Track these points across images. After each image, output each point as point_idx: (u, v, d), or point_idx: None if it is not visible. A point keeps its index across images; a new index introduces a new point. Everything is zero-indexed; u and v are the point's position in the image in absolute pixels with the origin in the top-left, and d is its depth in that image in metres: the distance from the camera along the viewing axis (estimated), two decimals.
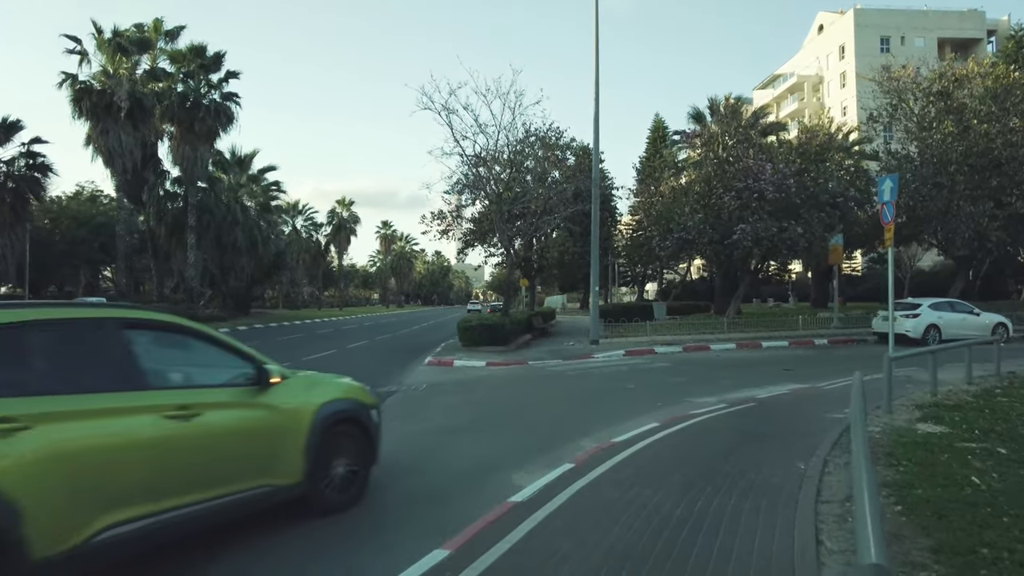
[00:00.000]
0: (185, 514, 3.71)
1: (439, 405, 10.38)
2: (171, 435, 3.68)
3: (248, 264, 41.50)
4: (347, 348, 22.83)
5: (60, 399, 3.28)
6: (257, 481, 4.23)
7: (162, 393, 3.80)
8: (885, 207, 12.25)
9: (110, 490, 3.35)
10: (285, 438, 4.45)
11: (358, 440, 5.17)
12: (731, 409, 8.95)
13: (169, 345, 4.23)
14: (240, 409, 4.26)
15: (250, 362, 4.49)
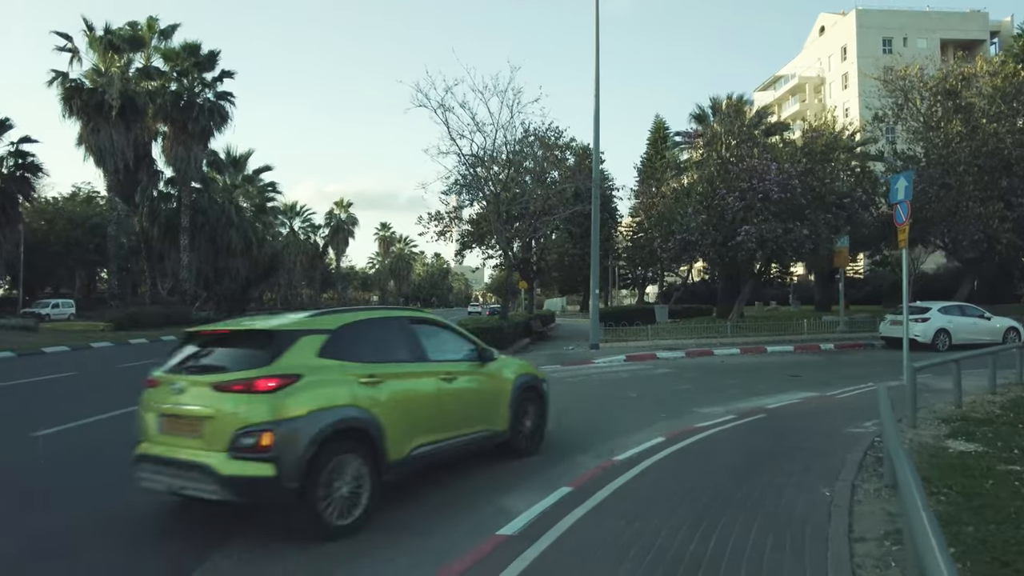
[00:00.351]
0: (447, 446, 5.65)
1: None
2: (444, 391, 5.67)
3: (243, 266, 40.93)
4: None
5: (391, 365, 5.28)
6: (485, 426, 6.19)
7: (436, 364, 5.77)
8: (899, 206, 11.68)
9: (417, 423, 5.25)
10: (499, 397, 6.42)
11: (537, 404, 7.05)
12: (740, 421, 8.36)
13: (431, 334, 6.07)
14: (474, 376, 6.20)
15: (475, 346, 6.43)
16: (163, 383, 4.82)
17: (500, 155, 21.73)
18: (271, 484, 4.23)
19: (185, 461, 4.41)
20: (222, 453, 4.27)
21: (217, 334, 5.20)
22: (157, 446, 4.68)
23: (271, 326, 5.07)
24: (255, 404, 4.34)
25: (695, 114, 30.97)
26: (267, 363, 4.52)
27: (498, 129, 20.34)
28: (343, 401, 4.70)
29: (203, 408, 4.44)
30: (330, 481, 4.46)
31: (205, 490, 4.32)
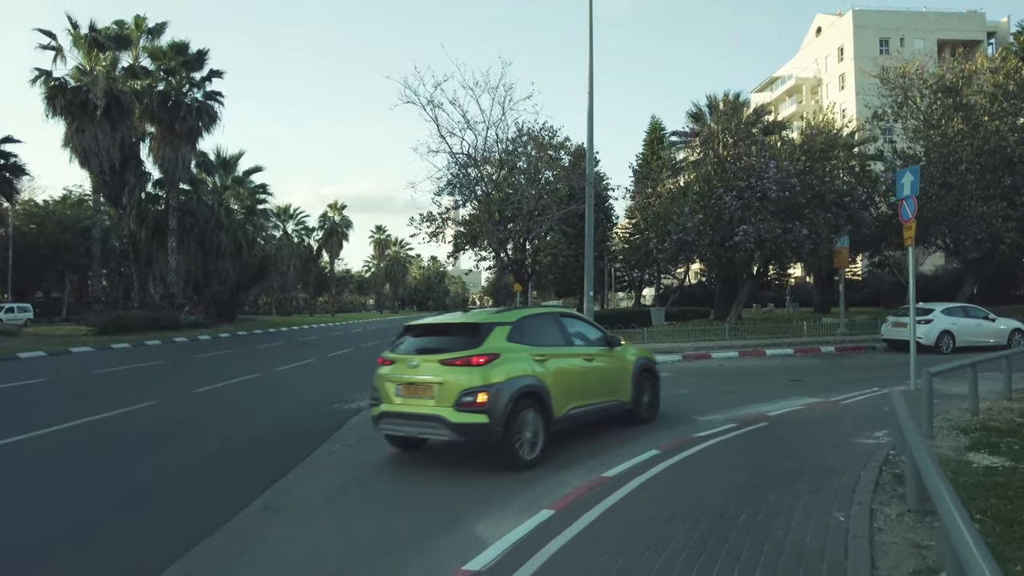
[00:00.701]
0: (590, 410, 7.41)
1: None
2: (586, 368, 7.42)
3: (233, 268, 40.23)
4: (327, 357, 21.68)
5: (551, 347, 7.03)
6: (614, 397, 7.94)
7: (579, 348, 7.56)
8: (905, 202, 11.12)
9: (571, 391, 7.00)
10: (624, 375, 8.15)
11: (652, 381, 8.83)
12: (741, 431, 7.77)
13: (573, 324, 7.85)
14: (606, 358, 7.88)
15: (604, 335, 8.26)
16: (398, 361, 6.77)
17: (493, 155, 21.19)
18: (485, 429, 6.13)
19: (423, 414, 6.36)
20: (451, 408, 6.16)
21: (431, 326, 7.32)
22: (397, 406, 6.60)
23: (474, 320, 7.06)
24: (472, 374, 6.21)
25: (691, 113, 30.48)
26: (476, 346, 6.43)
27: (489, 127, 19.83)
28: (526, 372, 6.54)
29: (434, 377, 6.34)
30: (520, 428, 6.37)
31: (440, 434, 6.39)
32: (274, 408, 11.20)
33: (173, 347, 25.16)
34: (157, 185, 36.64)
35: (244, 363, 19.18)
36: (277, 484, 6.32)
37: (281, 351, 23.97)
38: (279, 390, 13.58)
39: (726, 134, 22.90)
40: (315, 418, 10.05)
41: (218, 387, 13.48)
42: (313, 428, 9.14)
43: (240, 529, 5.06)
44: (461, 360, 6.30)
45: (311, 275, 73.36)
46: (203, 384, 13.67)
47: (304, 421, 9.88)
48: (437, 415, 6.24)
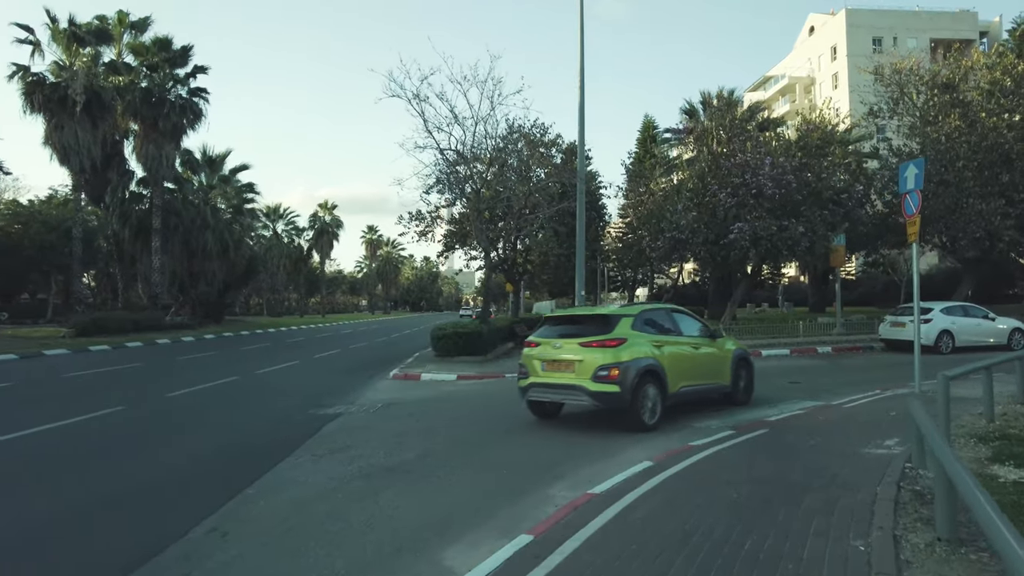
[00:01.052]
0: (696, 389, 8.98)
1: (386, 433, 8.61)
2: (693, 354, 8.98)
3: (219, 269, 39.46)
4: (313, 358, 21.07)
5: (666, 335, 8.61)
6: (716, 380, 9.43)
7: (687, 337, 9.11)
8: (908, 196, 10.64)
9: (681, 373, 8.49)
10: (724, 362, 9.59)
11: (747, 368, 10.16)
12: (741, 438, 7.24)
13: (682, 318, 9.42)
14: (709, 347, 9.41)
15: (707, 327, 9.84)
16: (543, 343, 8.49)
17: (483, 152, 20.57)
18: (617, 397, 7.72)
19: (566, 384, 8.05)
20: (589, 379, 7.81)
21: (569, 317, 9.14)
22: (542, 377, 8.34)
23: (605, 312, 8.75)
24: (606, 353, 7.84)
25: (685, 109, 29.97)
26: (608, 332, 8.07)
27: (478, 122, 19.18)
28: (647, 354, 8.07)
29: (575, 356, 8.02)
30: (644, 398, 7.90)
31: (580, 400, 8.05)
32: (247, 414, 10.60)
33: (154, 349, 24.48)
34: (141, 184, 35.86)
35: (225, 365, 18.56)
36: (233, 501, 5.75)
37: (266, 353, 23.35)
38: (256, 394, 12.97)
39: (720, 130, 22.42)
40: (288, 425, 9.46)
41: (192, 391, 12.87)
42: (284, 436, 8.55)
43: (181, 554, 4.50)
44: (597, 343, 8.03)
45: (301, 276, 72.50)
46: (177, 388, 13.06)
47: (276, 428, 9.29)
48: (579, 384, 7.98)
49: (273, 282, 68.39)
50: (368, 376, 15.58)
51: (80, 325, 26.41)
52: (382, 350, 24.23)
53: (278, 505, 5.58)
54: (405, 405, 11.02)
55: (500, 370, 15.75)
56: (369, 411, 10.52)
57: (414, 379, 14.72)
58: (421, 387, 13.53)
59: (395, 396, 12.21)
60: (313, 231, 69.97)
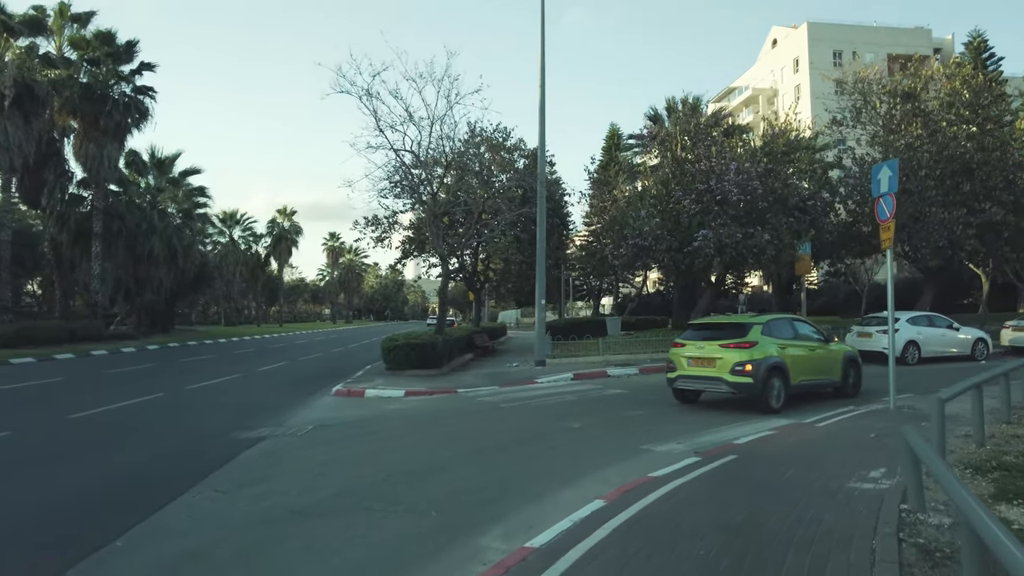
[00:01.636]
0: (813, 383, 11.06)
1: (308, 463, 7.53)
2: (810, 355, 10.95)
3: (167, 276, 37.47)
4: (256, 371, 19.74)
5: (788, 339, 10.68)
6: (828, 376, 11.39)
7: (804, 341, 11.05)
8: (882, 200, 10.01)
9: (799, 369, 10.50)
10: (835, 362, 11.51)
11: (855, 368, 12.00)
12: (706, 468, 6.37)
13: (801, 325, 11.55)
14: (823, 349, 11.32)
15: (822, 333, 11.71)
16: (688, 344, 10.71)
17: (441, 155, 19.56)
18: (750, 387, 9.91)
19: (709, 376, 10.34)
20: (728, 373, 10.01)
21: (709, 324, 11.68)
22: (688, 372, 10.61)
23: (740, 320, 11.09)
24: (741, 353, 9.98)
25: (650, 116, 29.48)
26: (743, 336, 10.21)
27: (434, 122, 18.17)
28: (773, 354, 10.08)
29: (716, 355, 10.23)
30: (771, 388, 9.96)
31: (721, 390, 10.44)
32: (156, 439, 9.36)
33: (85, 362, 22.75)
34: (81, 185, 33.81)
35: (156, 379, 17.15)
36: (93, 556, 4.65)
37: (207, 365, 21.89)
38: (178, 414, 11.70)
39: (684, 136, 21.85)
40: (199, 453, 8.30)
41: (106, 410, 11.55)
42: (190, 466, 7.42)
43: None
44: (734, 344, 10.17)
45: (259, 284, 70.12)
46: (87, 407, 11.72)
47: (184, 457, 8.12)
48: (719, 377, 10.17)
49: (229, 290, 66.00)
50: (309, 392, 14.39)
51: (3, 336, 24.47)
52: (333, 362, 22.95)
53: (147, 562, 4.49)
54: (339, 427, 9.92)
55: (453, 384, 14.71)
56: (297, 435, 9.39)
57: (358, 396, 13.59)
58: (363, 405, 12.42)
59: (331, 416, 11.09)
60: (271, 238, 67.76)
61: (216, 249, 62.62)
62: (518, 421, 10.10)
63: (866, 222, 24.39)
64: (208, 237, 60.44)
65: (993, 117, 24.53)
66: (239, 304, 79.13)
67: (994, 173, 21.83)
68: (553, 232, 28.20)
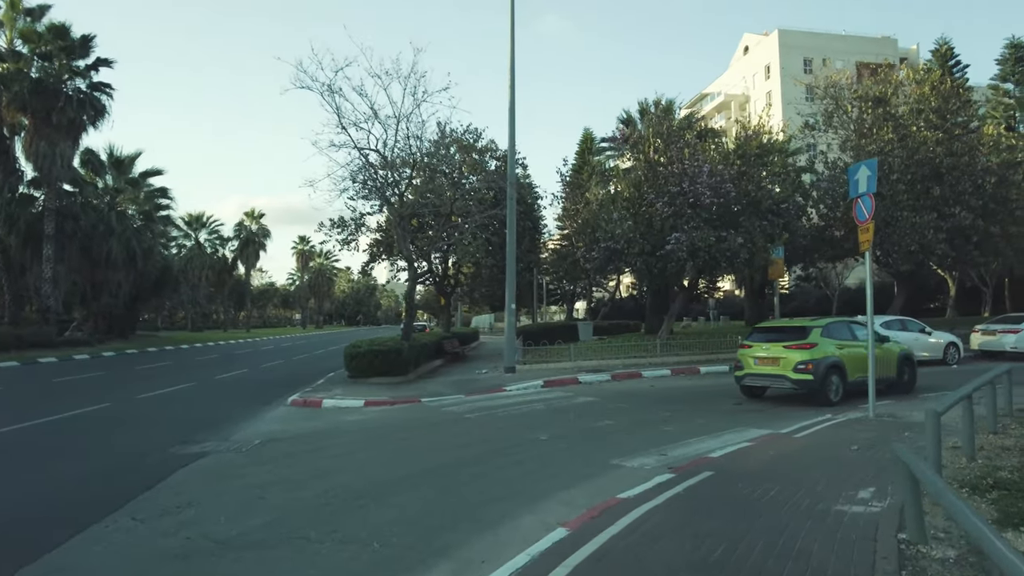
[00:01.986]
0: (867, 380, 9.90)
1: (247, 484, 6.83)
2: (865, 354, 10.17)
3: (126, 280, 36.09)
4: (214, 380, 18.84)
5: (845, 341, 11.64)
6: (884, 373, 11.65)
7: (861, 341, 11.44)
8: (860, 201, 9.65)
9: (856, 367, 11.28)
10: (891, 360, 12.20)
11: (910, 366, 12.77)
12: (680, 487, 5.83)
13: (857, 327, 12.09)
14: (879, 349, 11.30)
15: (878, 334, 11.78)
16: (754, 345, 11.87)
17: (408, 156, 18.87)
18: (810, 384, 10.97)
19: (773, 374, 11.45)
20: (791, 371, 11.07)
21: (774, 327, 12.54)
22: (754, 369, 11.77)
23: (801, 324, 12.01)
24: (803, 353, 11.06)
25: (622, 119, 29.21)
26: (804, 338, 11.28)
27: (400, 119, 17.50)
28: (832, 354, 11.20)
29: (779, 354, 11.35)
30: (830, 384, 11.11)
31: (784, 387, 11.42)
32: (87, 455, 8.53)
33: (30, 370, 21.57)
34: (33, 185, 32.34)
35: (105, 389, 16.19)
36: None
37: (164, 373, 20.90)
38: (120, 426, 10.88)
39: (657, 139, 21.50)
40: (131, 471, 7.56)
41: (36, 424, 10.69)
42: (115, 487, 6.73)
43: None
44: (796, 345, 11.17)
45: (226, 288, 68.33)
46: (19, 420, 10.84)
47: (113, 475, 7.40)
48: (783, 375, 11.20)
49: (195, 295, 64.17)
50: (265, 402, 13.60)
51: None
52: (296, 369, 22.07)
53: None
54: (289, 442, 9.20)
55: (418, 393, 14.04)
56: (242, 450, 8.66)
57: (314, 406, 12.84)
58: (319, 416, 11.68)
59: (283, 429, 10.36)
60: (238, 241, 66.12)
61: (181, 253, 60.91)
62: (482, 433, 9.49)
63: (838, 226, 24.34)
64: (173, 240, 58.80)
65: (961, 123, 24.72)
66: (207, 309, 77.12)
67: (963, 178, 21.89)
68: (525, 235, 27.68)
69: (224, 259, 66.18)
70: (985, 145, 22.98)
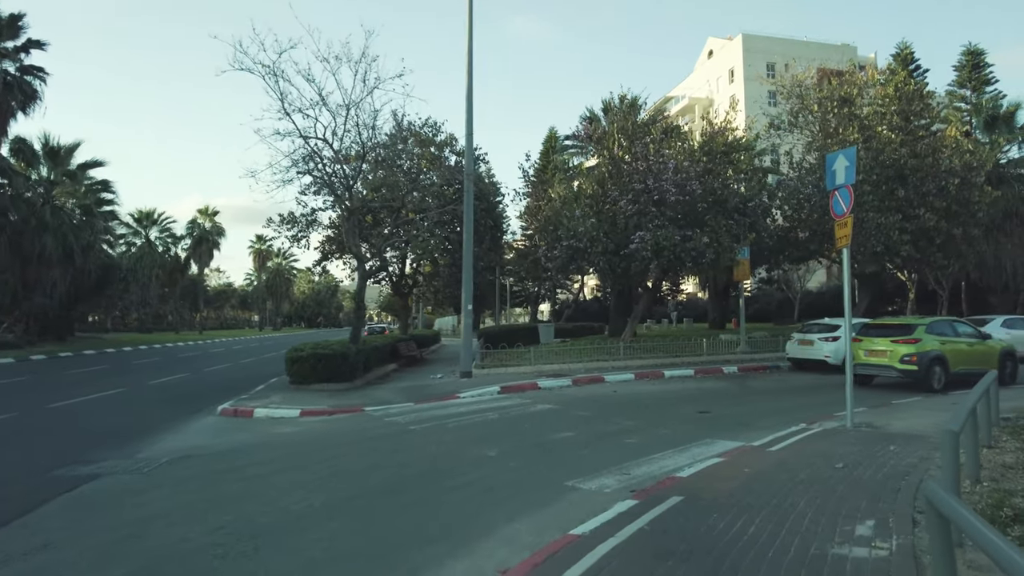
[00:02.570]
0: (968, 372, 12.52)
1: (128, 517, 5.69)
2: (967, 349, 13.55)
3: (62, 279, 33.88)
4: (147, 385, 17.48)
5: (947, 337, 13.46)
6: (985, 366, 12.08)
7: (963, 338, 13.80)
8: (838, 193, 8.94)
9: (957, 360, 13.05)
10: (993, 355, 13.72)
11: (1012, 360, 14.00)
12: (643, 522, 4.91)
13: (960, 325, 14.35)
14: (981, 344, 13.92)
15: (979, 332, 14.39)
16: (864, 340, 13.54)
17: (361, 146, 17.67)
18: (915, 373, 12.60)
19: (881, 364, 13.17)
20: (897, 362, 12.82)
21: (882, 325, 14.63)
22: (864, 361, 13.22)
23: (907, 322, 14.53)
24: (908, 347, 12.74)
25: (586, 117, 28.49)
26: (910, 334, 12.99)
27: (350, 107, 16.33)
28: (935, 347, 12.72)
29: (887, 347, 13.10)
30: (932, 374, 12.57)
31: (891, 375, 13.12)
32: None
33: None
34: None
35: (15, 396, 14.73)
36: None
37: (93, 378, 19.35)
38: (16, 439, 9.60)
39: (621, 135, 20.76)
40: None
41: None
42: None
43: None
44: (903, 340, 12.94)
45: (178, 287, 65.53)
46: None
47: None
48: (890, 365, 12.96)
49: (145, 295, 61.32)
50: (193, 411, 12.35)
51: None
52: (239, 374, 20.66)
53: None
54: (203, 460, 8.03)
55: (363, 401, 12.91)
56: (143, 471, 7.47)
57: (245, 416, 11.63)
58: (247, 428, 10.48)
59: (202, 444, 9.16)
60: (191, 239, 63.47)
61: (131, 251, 58.08)
62: (425, 449, 8.45)
63: (803, 228, 23.99)
64: (121, 238, 56.00)
65: (924, 125, 24.67)
66: (160, 310, 73.95)
67: (927, 179, 21.71)
68: (486, 234, 26.69)
69: (176, 258, 63.46)
70: (948, 147, 22.89)
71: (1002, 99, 34.40)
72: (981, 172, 22.66)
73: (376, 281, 27.10)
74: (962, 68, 36.70)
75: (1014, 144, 32.61)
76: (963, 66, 36.68)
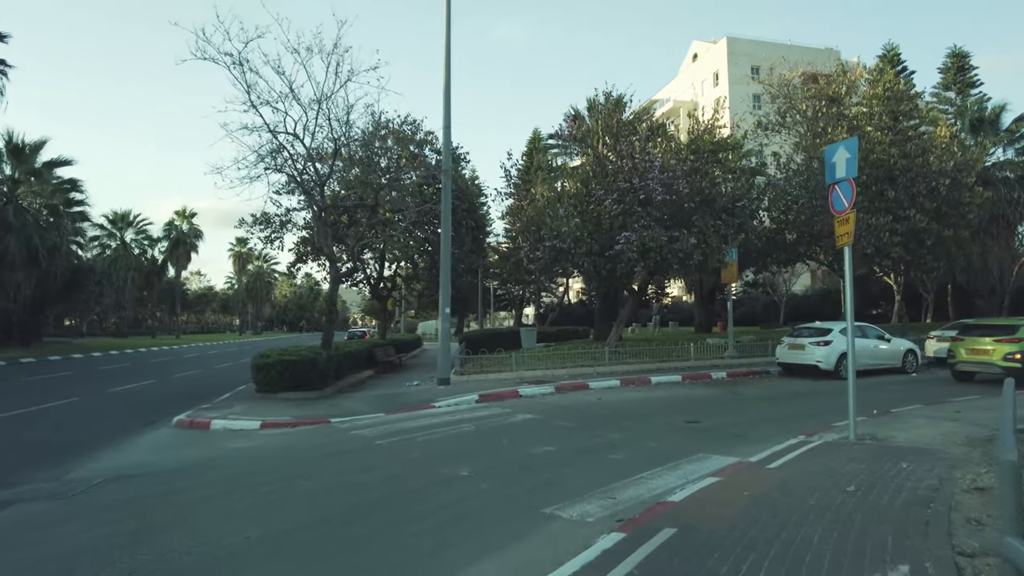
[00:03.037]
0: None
1: (24, 560, 4.85)
2: None
3: (27, 282, 32.59)
4: (106, 392, 16.55)
5: None
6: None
7: None
8: (838, 187, 8.30)
9: None
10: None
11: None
12: (632, 563, 4.17)
13: None
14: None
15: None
16: (966, 339, 14.59)
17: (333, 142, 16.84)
18: (1019, 371, 12.48)
19: (984, 361, 14.08)
20: (1000, 360, 13.64)
21: (983, 325, 15.34)
22: (965, 358, 14.44)
23: (1008, 323, 15.15)
24: (1012, 345, 13.64)
25: (570, 115, 27.87)
26: (1012, 334, 13.85)
27: (321, 100, 15.51)
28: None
29: (989, 346, 14.00)
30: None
31: (994, 372, 13.62)
32: None
33: None
34: None
35: None
36: None
37: (50, 385, 18.38)
38: None
39: (606, 132, 20.12)
40: None
41: None
42: None
43: None
44: (1006, 339, 13.81)
45: (155, 291, 63.97)
46: None
47: None
48: (992, 362, 13.82)
49: (120, 298, 59.71)
50: (147, 422, 11.46)
51: None
52: (207, 380, 19.72)
53: None
54: (140, 481, 7.18)
55: (330, 411, 12.05)
56: (67, 496, 6.62)
57: (202, 428, 10.75)
58: (200, 442, 9.61)
59: (146, 461, 8.30)
60: (168, 241, 61.97)
61: (105, 253, 56.49)
62: (389, 468, 7.64)
63: (791, 230, 23.53)
64: (95, 240, 54.49)
65: (912, 125, 24.34)
66: (138, 314, 72.20)
67: (917, 180, 21.33)
68: (468, 235, 25.94)
69: (153, 260, 61.93)
70: (937, 147, 22.55)
71: (987, 101, 34.34)
72: (971, 172, 22.35)
73: (353, 284, 26.21)
74: (947, 71, 36.66)
75: (999, 146, 32.49)
76: (948, 69, 36.64)
